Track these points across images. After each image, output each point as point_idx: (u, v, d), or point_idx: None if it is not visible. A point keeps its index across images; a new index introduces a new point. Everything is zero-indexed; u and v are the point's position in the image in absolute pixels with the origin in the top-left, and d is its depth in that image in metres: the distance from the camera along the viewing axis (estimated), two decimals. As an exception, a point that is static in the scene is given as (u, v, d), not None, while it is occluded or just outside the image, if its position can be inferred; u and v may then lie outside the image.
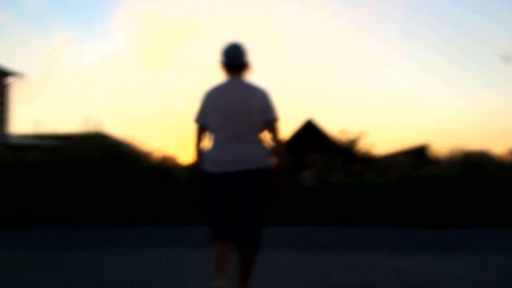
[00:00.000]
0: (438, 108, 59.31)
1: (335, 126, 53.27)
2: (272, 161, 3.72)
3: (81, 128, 13.86)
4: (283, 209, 10.57)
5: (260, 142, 3.70)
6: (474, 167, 12.89)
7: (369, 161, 30.47)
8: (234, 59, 3.74)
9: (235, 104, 3.62)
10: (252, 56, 3.86)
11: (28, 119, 55.86)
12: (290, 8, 59.21)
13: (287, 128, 35.81)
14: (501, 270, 5.61)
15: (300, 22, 60.82)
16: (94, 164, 11.58)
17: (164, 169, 12.88)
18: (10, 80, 21.45)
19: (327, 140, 33.54)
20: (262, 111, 3.66)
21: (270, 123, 3.70)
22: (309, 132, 33.98)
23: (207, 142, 3.81)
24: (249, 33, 56.77)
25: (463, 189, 11.28)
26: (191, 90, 55.33)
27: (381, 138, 62.16)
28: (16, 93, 25.04)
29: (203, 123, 3.75)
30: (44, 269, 5.83)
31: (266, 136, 3.75)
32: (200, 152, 3.80)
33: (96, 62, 61.80)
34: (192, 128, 3.83)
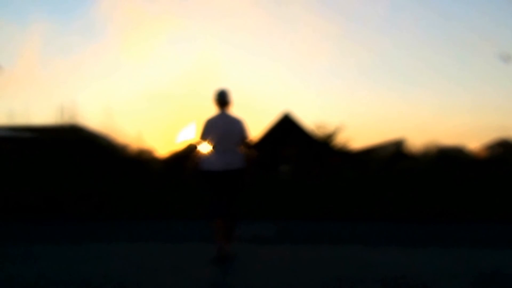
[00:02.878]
0: (415, 103, 59.89)
1: (313, 120, 53.30)
2: (246, 163, 5.91)
3: (56, 120, 13.68)
4: (259, 203, 10.59)
5: (239, 151, 5.90)
6: (448, 161, 13.04)
7: (346, 156, 30.61)
8: (223, 99, 5.98)
9: (224, 129, 5.86)
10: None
11: (2, 110, 54.89)
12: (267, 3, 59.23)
13: (264, 122, 35.82)
14: (472, 264, 5.71)
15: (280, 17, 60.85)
16: (69, 157, 11.45)
17: (141, 162, 12.80)
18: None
19: (304, 134, 33.56)
20: (240, 133, 5.92)
21: (245, 141, 5.95)
22: (286, 125, 33.94)
23: (206, 151, 5.91)
24: (227, 26, 56.66)
25: (437, 184, 11.41)
26: (170, 82, 55.02)
27: (359, 132, 62.46)
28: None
29: (205, 139, 5.91)
30: (20, 261, 5.78)
31: (242, 148, 5.93)
32: (201, 157, 5.93)
33: (74, 54, 61.00)
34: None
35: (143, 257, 6.08)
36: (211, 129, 5.91)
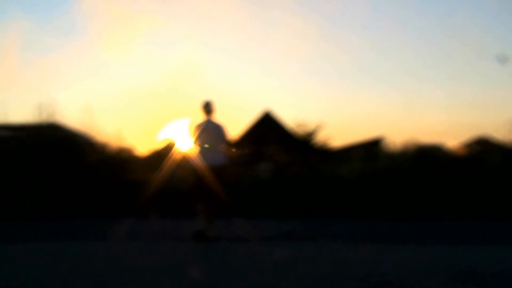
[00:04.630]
0: (395, 102, 60.30)
1: (293, 118, 53.22)
2: (227, 160, 7.46)
3: (35, 119, 13.51)
4: (237, 201, 10.58)
5: (221, 150, 7.46)
6: (426, 159, 13.15)
7: (325, 154, 30.68)
8: (208, 108, 7.56)
9: (210, 132, 7.42)
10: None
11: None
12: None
13: (245, 120, 35.79)
14: (450, 261, 5.78)
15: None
16: (46, 156, 11.34)
17: (120, 160, 12.71)
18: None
19: (284, 132, 33.60)
20: (222, 136, 7.49)
21: (226, 142, 7.51)
22: (267, 123, 33.95)
23: (196, 150, 7.41)
24: (208, 26, 56.47)
25: (415, 182, 11.50)
26: (151, 80, 54.66)
27: (339, 131, 62.58)
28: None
29: (194, 140, 7.39)
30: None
31: (223, 147, 7.48)
32: (191, 156, 7.40)
33: (54, 52, 60.26)
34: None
35: (123, 256, 6.06)
36: (199, 132, 7.45)
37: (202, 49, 59.76)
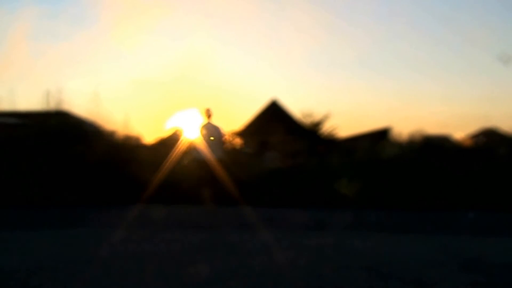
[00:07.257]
0: (402, 92, 60.05)
1: (300, 108, 53.05)
2: (223, 153, 9.45)
3: (42, 106, 13.53)
4: (245, 190, 10.60)
5: (220, 145, 9.41)
6: (433, 150, 13.10)
7: (332, 144, 30.60)
8: (209, 113, 9.42)
9: (210, 132, 9.24)
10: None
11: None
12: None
13: (252, 109, 35.77)
14: (455, 251, 5.78)
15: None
16: (54, 143, 11.36)
17: (127, 148, 12.73)
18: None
19: (291, 122, 33.54)
20: (220, 134, 9.40)
21: (222, 139, 9.42)
22: (274, 112, 33.88)
23: (200, 144, 9.23)
24: (216, 15, 56.22)
25: (421, 172, 11.47)
26: (159, 69, 54.64)
27: (345, 121, 62.41)
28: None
29: (200, 138, 8.97)
30: (4, 247, 5.79)
31: (221, 143, 9.45)
32: (196, 148, 9.30)
33: (63, 40, 60.27)
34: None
35: (129, 243, 6.09)
36: (202, 132, 9.28)
37: (211, 40, 59.71)
